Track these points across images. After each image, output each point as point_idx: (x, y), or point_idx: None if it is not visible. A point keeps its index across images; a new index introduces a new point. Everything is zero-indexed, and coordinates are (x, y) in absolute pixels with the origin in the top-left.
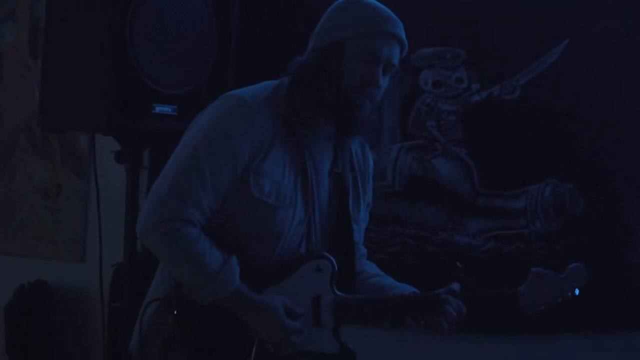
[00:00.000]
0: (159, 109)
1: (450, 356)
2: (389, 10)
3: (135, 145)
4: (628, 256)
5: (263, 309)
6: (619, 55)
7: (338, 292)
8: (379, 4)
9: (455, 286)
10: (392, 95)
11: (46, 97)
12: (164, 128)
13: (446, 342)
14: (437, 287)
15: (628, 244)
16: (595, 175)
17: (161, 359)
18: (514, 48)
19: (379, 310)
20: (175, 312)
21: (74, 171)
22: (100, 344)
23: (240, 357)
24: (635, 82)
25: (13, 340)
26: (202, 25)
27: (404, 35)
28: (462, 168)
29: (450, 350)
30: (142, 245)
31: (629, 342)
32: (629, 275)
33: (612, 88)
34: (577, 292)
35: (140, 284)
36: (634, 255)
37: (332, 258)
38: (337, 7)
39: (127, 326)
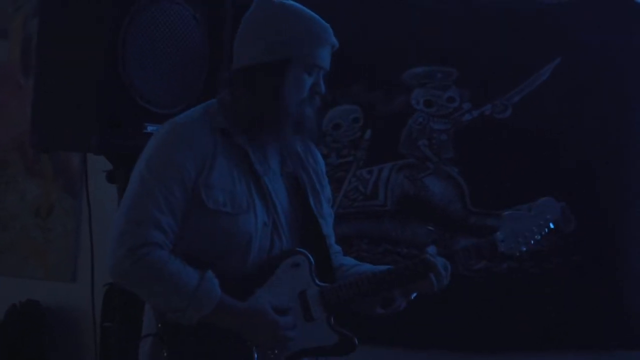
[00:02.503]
0: (150, 128)
1: None
2: (317, 16)
3: (127, 164)
4: (619, 275)
5: (252, 313)
6: (611, 73)
7: (321, 283)
8: (308, 10)
9: (432, 249)
10: None
11: (38, 116)
12: None
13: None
14: (429, 305)
15: (620, 263)
16: (587, 194)
17: None
18: (505, 67)
19: (366, 290)
20: (165, 341)
21: (66, 190)
22: None
23: None
24: (627, 100)
25: None
26: (194, 44)
27: (335, 39)
28: (454, 187)
29: None
30: None
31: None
32: (621, 294)
33: (603, 106)
34: (551, 225)
35: (131, 304)
36: (626, 274)
37: (304, 251)
38: (272, 19)
39: (119, 346)
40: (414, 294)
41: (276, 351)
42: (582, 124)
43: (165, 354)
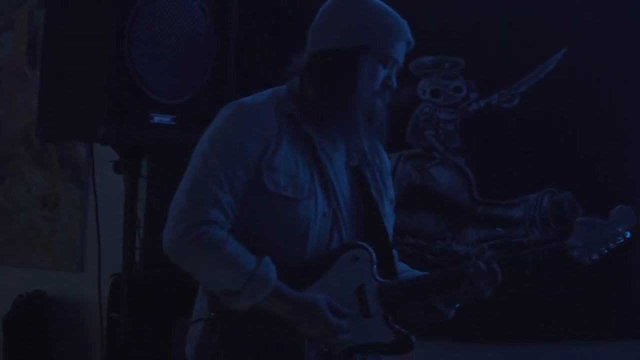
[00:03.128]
0: (157, 118)
1: None
2: (397, 14)
3: (134, 155)
4: (627, 264)
5: (307, 306)
6: (617, 64)
7: (381, 279)
8: (387, 5)
9: (477, 264)
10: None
11: (44, 107)
12: (163, 138)
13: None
14: None
15: (627, 252)
16: (594, 183)
17: None
18: (512, 57)
19: (422, 290)
20: (218, 326)
21: (73, 181)
22: (99, 354)
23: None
24: (633, 90)
25: (11, 351)
26: (200, 35)
27: (411, 37)
28: (461, 177)
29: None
30: (141, 255)
31: (631, 350)
32: (629, 283)
33: (610, 96)
34: (628, 234)
35: (138, 294)
36: (634, 263)
37: (366, 245)
38: (352, 8)
39: (126, 336)
40: (457, 304)
41: (327, 346)
42: (589, 113)
43: (216, 339)
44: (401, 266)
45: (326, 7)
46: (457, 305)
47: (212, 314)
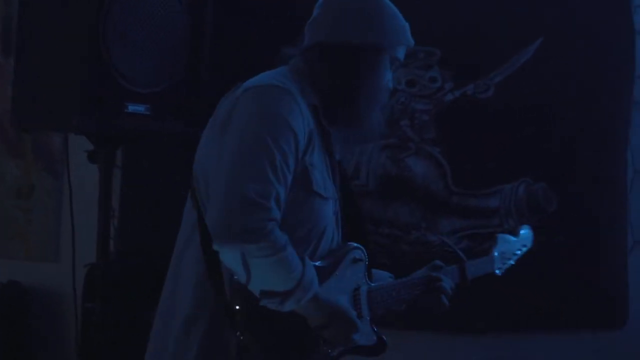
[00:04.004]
0: (132, 108)
1: (423, 355)
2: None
3: (108, 144)
4: (601, 255)
5: (341, 312)
6: (592, 54)
7: (370, 282)
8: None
9: (438, 262)
10: None
11: (19, 96)
12: (137, 127)
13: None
14: None
15: (601, 243)
16: (568, 174)
17: None
18: (487, 47)
19: (398, 296)
20: (245, 321)
21: (47, 171)
22: (74, 344)
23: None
24: (608, 81)
25: None
26: (175, 23)
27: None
28: (436, 167)
29: (423, 349)
30: (116, 245)
31: (601, 339)
32: (604, 274)
33: (585, 86)
34: (524, 250)
35: (113, 284)
36: (607, 253)
37: (363, 248)
38: (366, 6)
39: (100, 326)
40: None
41: (332, 349)
42: (564, 104)
43: (240, 336)
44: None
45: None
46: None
47: (239, 310)
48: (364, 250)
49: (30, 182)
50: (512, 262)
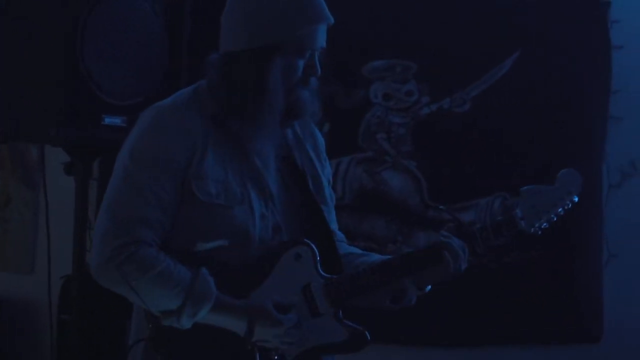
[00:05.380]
0: (108, 120)
1: None
2: None
3: (85, 156)
4: (576, 269)
5: (251, 311)
6: (569, 68)
7: (326, 275)
8: None
9: (444, 232)
10: None
11: None
12: (114, 139)
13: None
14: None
15: (576, 257)
16: None
17: None
18: (464, 61)
19: (375, 281)
20: (161, 347)
21: (24, 182)
22: (49, 356)
23: None
24: (584, 95)
25: None
26: (153, 36)
27: (329, 14)
28: (412, 181)
29: None
30: None
31: (577, 354)
32: (579, 288)
33: (561, 100)
34: (575, 198)
35: (89, 296)
36: (582, 267)
37: (308, 241)
38: (261, 2)
39: (76, 338)
40: (429, 286)
41: (279, 352)
42: (539, 118)
43: (163, 351)
44: (354, 250)
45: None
46: (429, 287)
47: (153, 329)
48: (310, 244)
49: (7, 193)
50: (558, 213)
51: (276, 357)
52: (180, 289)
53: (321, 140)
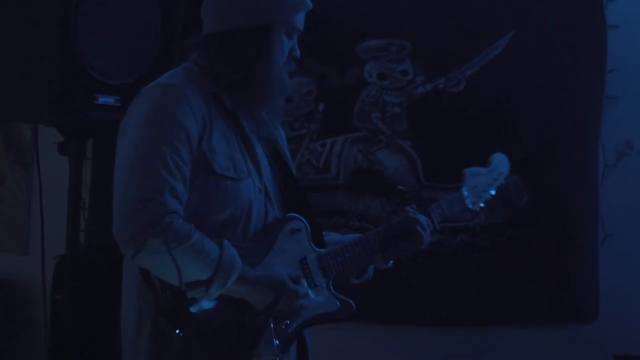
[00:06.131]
0: (102, 99)
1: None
2: None
3: (79, 136)
4: (572, 248)
5: (272, 282)
6: (564, 48)
7: (317, 249)
8: None
9: (411, 208)
10: None
11: None
12: (108, 119)
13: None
14: (381, 279)
15: (572, 236)
16: (540, 168)
17: None
18: (459, 40)
19: (356, 255)
20: (182, 323)
21: (18, 162)
22: (43, 336)
23: (261, 347)
24: (579, 74)
25: None
26: (146, 15)
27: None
28: (407, 160)
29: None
30: (85, 237)
31: (572, 334)
32: (574, 268)
33: (556, 80)
34: (502, 181)
35: (82, 276)
36: (577, 248)
37: (300, 216)
38: None
39: (69, 319)
40: (391, 261)
41: (289, 322)
42: (535, 97)
43: (178, 337)
44: (334, 235)
45: None
46: (391, 262)
47: (171, 311)
48: (303, 219)
49: (0, 174)
50: (490, 193)
51: (287, 322)
52: (212, 259)
53: (284, 135)
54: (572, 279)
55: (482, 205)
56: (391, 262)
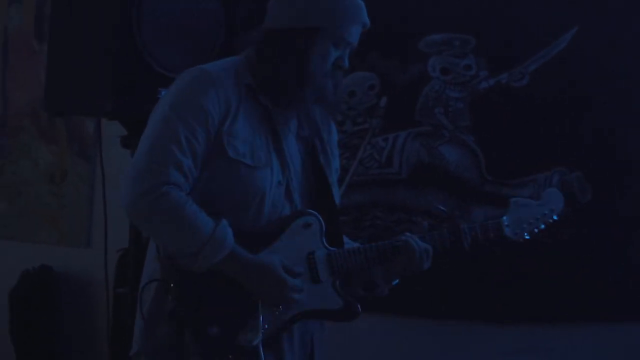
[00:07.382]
0: (164, 92)
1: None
2: None
3: (141, 129)
4: (635, 247)
5: (262, 267)
6: (627, 43)
7: (329, 247)
8: None
9: (408, 234)
10: None
11: (52, 81)
12: None
13: (434, 330)
14: (436, 274)
15: (635, 235)
16: (603, 164)
17: (168, 336)
18: (522, 35)
19: (370, 257)
20: (172, 286)
21: (80, 156)
22: (105, 330)
23: (246, 322)
24: None
25: (17, 326)
26: (209, 9)
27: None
28: (470, 155)
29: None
30: None
31: (630, 333)
32: (633, 266)
33: (620, 76)
34: (555, 217)
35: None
36: (638, 246)
37: (316, 214)
38: None
39: (132, 312)
40: (396, 280)
41: (280, 308)
42: (599, 93)
43: (170, 298)
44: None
45: None
46: (396, 281)
47: (166, 271)
48: (317, 216)
49: (63, 168)
50: (540, 227)
51: (281, 307)
52: (202, 234)
53: (335, 134)
54: (631, 277)
55: (527, 237)
56: (395, 281)
